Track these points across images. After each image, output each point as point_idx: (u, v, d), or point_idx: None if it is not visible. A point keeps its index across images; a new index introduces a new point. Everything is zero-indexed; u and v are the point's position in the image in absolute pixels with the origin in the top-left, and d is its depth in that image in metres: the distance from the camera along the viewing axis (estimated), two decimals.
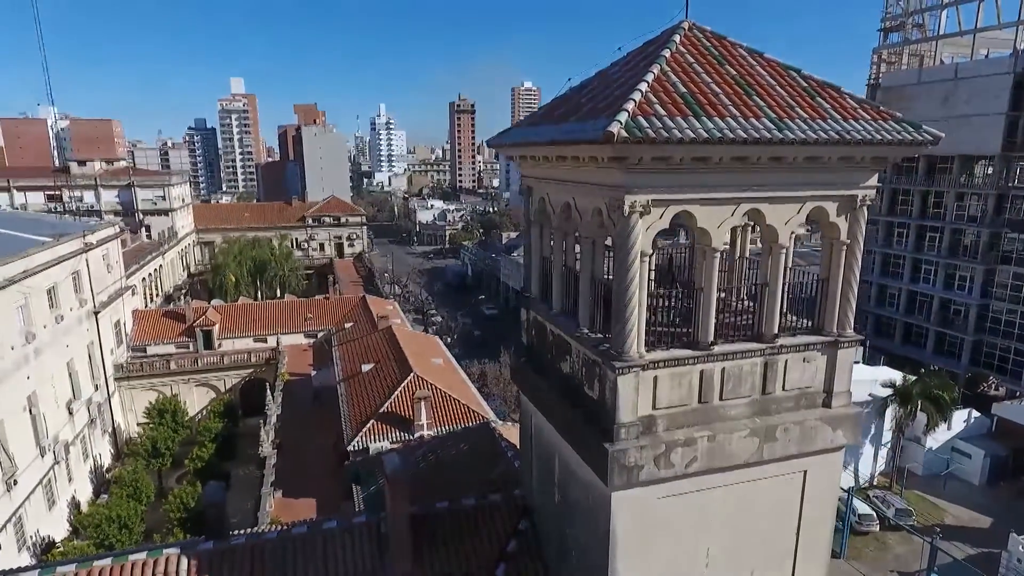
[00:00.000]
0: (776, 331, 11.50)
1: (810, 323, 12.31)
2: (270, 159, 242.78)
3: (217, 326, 55.08)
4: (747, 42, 12.04)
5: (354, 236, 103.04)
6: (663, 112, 9.70)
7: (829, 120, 10.52)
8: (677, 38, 11.64)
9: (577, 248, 12.80)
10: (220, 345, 54.75)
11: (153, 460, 42.15)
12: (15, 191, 78.08)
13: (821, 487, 12.36)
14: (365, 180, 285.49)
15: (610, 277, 11.08)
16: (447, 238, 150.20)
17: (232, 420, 47.55)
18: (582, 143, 9.91)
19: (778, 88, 11.02)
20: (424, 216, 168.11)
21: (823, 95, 11.17)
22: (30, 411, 35.23)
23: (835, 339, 11.86)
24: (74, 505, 38.67)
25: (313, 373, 45.05)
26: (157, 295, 71.71)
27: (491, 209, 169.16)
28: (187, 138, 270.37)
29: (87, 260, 45.33)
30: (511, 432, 22.17)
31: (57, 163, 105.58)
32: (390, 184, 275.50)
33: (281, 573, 13.44)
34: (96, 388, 45.18)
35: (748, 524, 12.07)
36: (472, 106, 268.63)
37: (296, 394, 44.38)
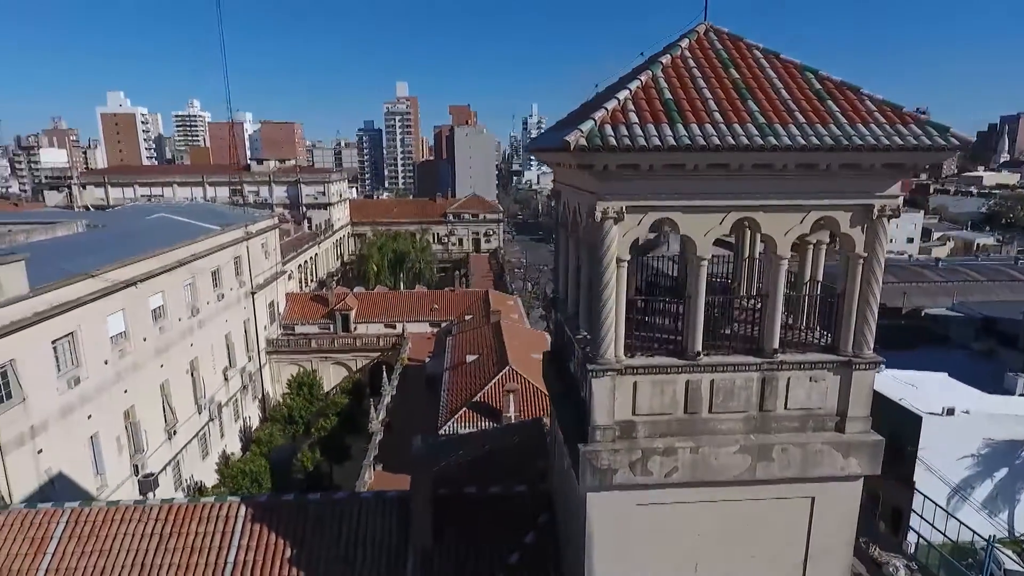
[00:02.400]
0: (776, 346, 10.95)
1: (826, 341, 11.53)
2: (428, 158, 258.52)
3: (354, 311, 60.45)
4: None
5: (491, 232, 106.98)
6: (635, 120, 9.77)
7: (831, 124, 9.88)
8: (685, 43, 11.48)
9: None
10: (355, 328, 60.05)
11: (288, 426, 47.59)
12: (208, 186, 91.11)
13: (832, 518, 11.53)
14: (515, 178, 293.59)
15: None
16: None
17: (358, 398, 52.14)
18: (551, 151, 10.25)
19: (783, 91, 10.50)
20: None
21: (836, 97, 10.45)
22: (191, 374, 41.49)
23: (849, 359, 11.02)
24: (224, 458, 44.84)
25: (427, 360, 48.05)
26: (312, 280, 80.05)
27: None
28: (357, 138, 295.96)
29: (247, 247, 52.08)
30: None
31: (250, 161, 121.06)
32: (538, 182, 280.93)
33: (317, 529, 15.15)
34: (250, 359, 51.84)
35: (744, 547, 11.61)
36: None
37: (412, 378, 47.68)
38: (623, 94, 10.21)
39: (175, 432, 38.44)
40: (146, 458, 34.81)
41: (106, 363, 31.85)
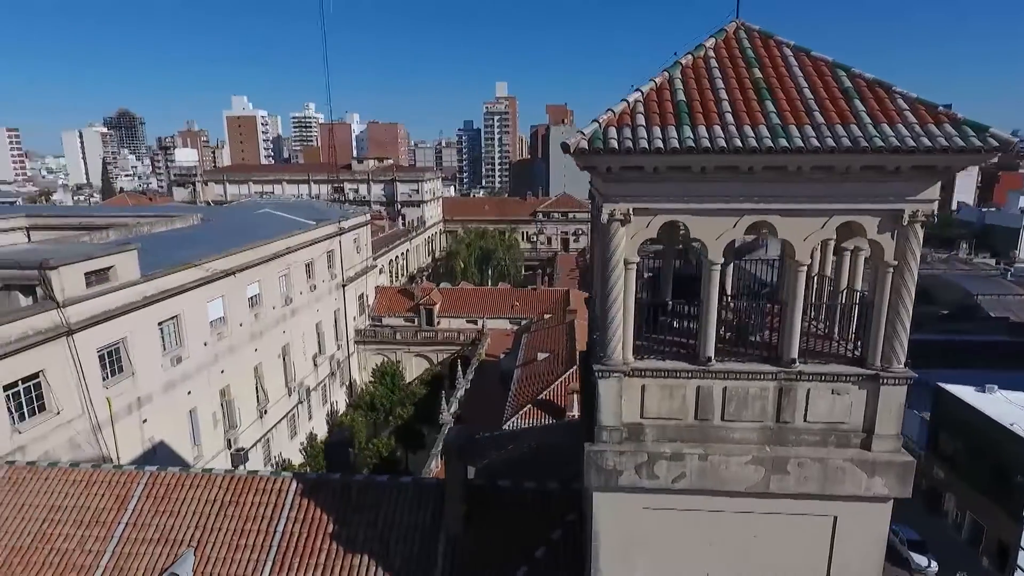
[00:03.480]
0: (795, 355, 10.54)
1: (854, 353, 10.96)
2: (525, 157, 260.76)
3: (438, 306, 62.41)
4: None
5: (579, 232, 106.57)
6: (641, 122, 9.78)
7: (852, 125, 9.41)
8: (711, 42, 11.29)
9: None
10: (438, 323, 61.97)
11: (370, 413, 50.00)
12: (312, 183, 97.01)
13: (857, 540, 10.96)
14: None
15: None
16: None
17: (437, 389, 53.82)
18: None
19: (806, 90, 10.10)
20: None
21: (865, 96, 9.91)
22: (283, 359, 44.59)
23: (876, 373, 10.42)
24: (311, 439, 47.84)
25: (501, 356, 48.85)
26: (403, 275, 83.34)
27: None
28: (457, 138, 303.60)
29: (340, 242, 55.13)
30: None
31: (352, 160, 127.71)
32: None
33: (358, 508, 16.10)
34: (338, 347, 54.89)
35: (759, 562, 11.28)
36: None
37: (488, 373, 48.64)
38: (634, 96, 10.25)
39: (266, 412, 41.51)
40: (239, 434, 37.88)
41: (205, 345, 34.98)
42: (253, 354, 40.25)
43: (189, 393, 33.36)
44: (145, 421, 29.91)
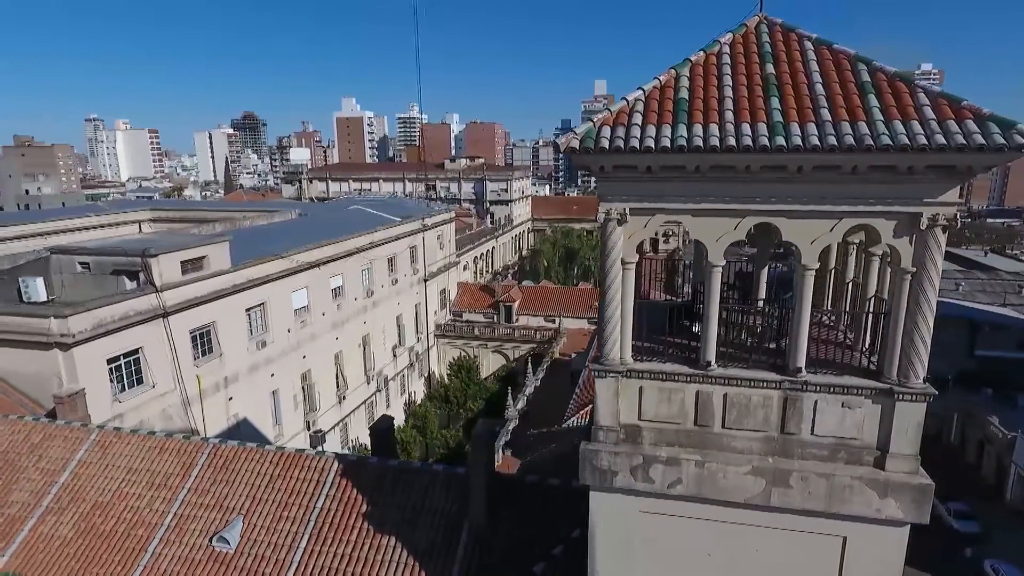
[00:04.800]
0: (801, 364, 10.04)
1: (872, 365, 10.27)
2: None
3: (517, 303, 63.15)
4: None
5: (670, 232, 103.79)
6: (638, 121, 9.68)
7: (861, 122, 8.85)
8: (727, 38, 10.94)
9: None
10: (517, 320, 62.70)
11: (444, 404, 51.50)
12: (407, 182, 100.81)
13: (868, 564, 10.26)
14: None
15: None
16: None
17: (510, 385, 54.56)
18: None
19: (819, 86, 9.59)
20: None
21: (883, 91, 9.27)
22: (363, 348, 46.87)
23: (890, 388, 9.72)
24: None
25: (572, 356, 48.76)
26: (488, 272, 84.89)
27: None
28: (555, 137, 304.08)
29: (423, 238, 57.10)
30: None
31: (445, 160, 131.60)
32: None
33: (392, 491, 16.86)
34: (418, 340, 56.90)
35: None
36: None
37: (560, 372, 48.75)
38: (635, 94, 10.16)
39: (344, 397, 43.86)
40: (318, 416, 40.30)
41: (289, 331, 37.51)
42: (334, 342, 42.63)
43: (272, 375, 35.92)
44: (231, 399, 32.56)
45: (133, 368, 26.96)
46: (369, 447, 45.01)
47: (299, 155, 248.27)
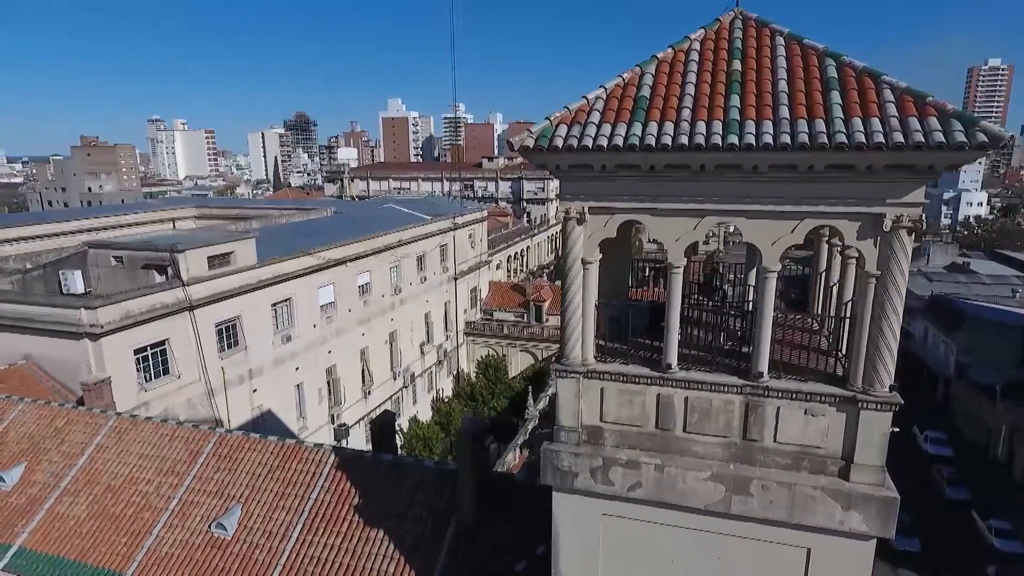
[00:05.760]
0: (763, 369, 9.76)
1: (839, 372, 9.91)
2: None
3: (547, 303, 62.93)
4: None
5: (711, 234, 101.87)
6: (595, 119, 9.60)
7: (818, 120, 8.56)
8: (699, 33, 10.72)
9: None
10: (547, 320, 62.50)
11: (470, 402, 51.80)
12: (445, 180, 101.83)
13: None
14: None
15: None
16: None
17: (538, 385, 54.47)
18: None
19: (783, 82, 9.31)
20: None
21: (848, 87, 8.94)
22: (390, 345, 47.58)
23: (854, 395, 9.36)
24: (414, 421, 50.59)
25: None
26: (522, 271, 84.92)
27: None
28: None
29: (454, 237, 57.54)
30: None
31: (482, 159, 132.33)
32: None
33: (384, 485, 17.11)
34: (447, 337, 57.39)
35: None
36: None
37: None
38: (596, 92, 10.08)
39: (370, 392, 44.62)
40: (342, 410, 41.13)
41: (314, 326, 38.40)
42: (360, 338, 43.42)
43: (297, 369, 36.85)
44: (255, 391, 33.57)
45: (159, 358, 28.11)
46: (401, 446, 45.81)
47: (346, 154, 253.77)
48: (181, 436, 19.73)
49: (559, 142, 9.42)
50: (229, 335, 31.92)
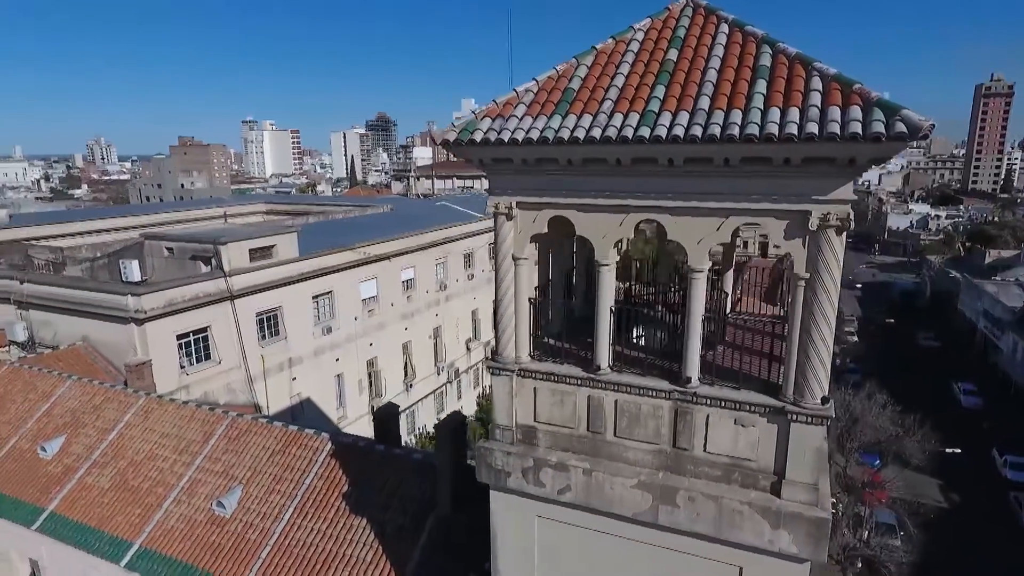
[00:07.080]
0: (692, 374, 9.29)
1: (774, 380, 9.28)
2: None
3: None
4: None
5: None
6: (519, 113, 9.43)
7: (736, 110, 8.05)
8: (645, 23, 10.32)
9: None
10: None
11: None
12: None
13: None
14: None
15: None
16: (918, 249, 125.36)
17: None
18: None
19: (713, 71, 8.81)
20: (896, 221, 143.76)
21: (777, 76, 8.37)
22: (434, 340, 48.35)
23: (783, 406, 8.75)
24: None
25: None
26: None
27: (994, 218, 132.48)
28: None
29: None
30: None
31: None
32: (879, 182, 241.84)
33: (373, 474, 17.47)
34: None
35: None
36: (1010, 87, 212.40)
37: None
38: (527, 85, 9.90)
39: (411, 386, 45.51)
40: (383, 402, 42.13)
41: (356, 319, 39.55)
42: (403, 332, 44.34)
43: (337, 360, 38.09)
44: (295, 379, 34.97)
45: (201, 344, 29.80)
46: (434, 437, 46.57)
47: (420, 153, 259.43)
48: (198, 418, 20.86)
49: (478, 136, 9.30)
50: (270, 324, 33.42)
